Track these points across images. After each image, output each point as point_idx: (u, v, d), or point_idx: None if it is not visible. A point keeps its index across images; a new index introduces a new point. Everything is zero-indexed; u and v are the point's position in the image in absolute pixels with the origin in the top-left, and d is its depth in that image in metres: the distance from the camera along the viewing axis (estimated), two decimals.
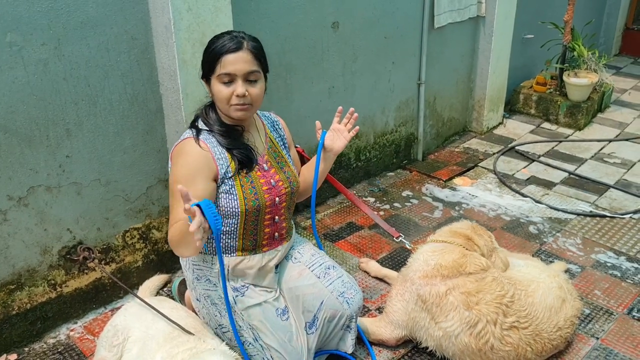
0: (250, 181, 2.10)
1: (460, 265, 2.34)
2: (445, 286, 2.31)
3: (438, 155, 4.55)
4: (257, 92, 2.03)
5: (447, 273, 2.33)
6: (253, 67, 2.01)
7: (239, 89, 1.99)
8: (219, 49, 1.99)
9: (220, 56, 1.98)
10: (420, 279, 2.38)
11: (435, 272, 2.35)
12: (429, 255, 2.44)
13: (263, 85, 2.07)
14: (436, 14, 4.06)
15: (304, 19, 3.25)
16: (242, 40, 2.00)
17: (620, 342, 2.58)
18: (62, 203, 2.53)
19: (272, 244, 2.24)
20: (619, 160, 4.43)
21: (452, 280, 2.32)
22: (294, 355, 2.19)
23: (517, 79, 5.36)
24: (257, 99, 2.05)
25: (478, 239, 2.52)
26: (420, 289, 2.36)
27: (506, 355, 2.29)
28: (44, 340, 2.60)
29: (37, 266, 2.54)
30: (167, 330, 2.08)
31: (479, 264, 2.36)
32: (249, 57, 1.99)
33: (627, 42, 7.21)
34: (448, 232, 2.59)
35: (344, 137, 2.26)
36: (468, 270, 2.33)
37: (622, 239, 3.37)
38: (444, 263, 2.36)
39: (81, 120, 2.48)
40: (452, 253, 2.40)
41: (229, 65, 1.97)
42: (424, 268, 2.39)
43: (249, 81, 2.02)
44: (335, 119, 2.28)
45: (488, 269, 2.38)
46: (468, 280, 2.31)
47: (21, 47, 2.23)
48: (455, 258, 2.37)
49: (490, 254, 2.53)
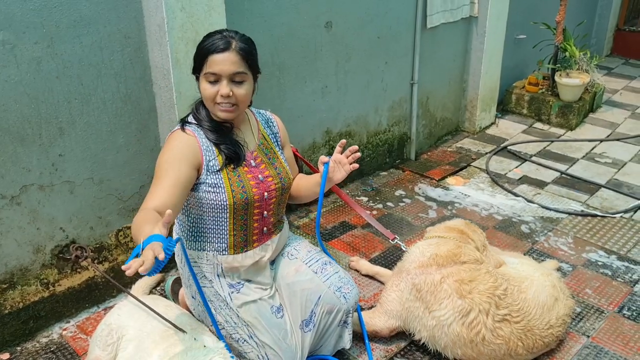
0: (237, 175, 2.11)
1: (455, 255, 2.41)
2: (440, 274, 2.36)
3: (431, 155, 4.57)
4: (242, 93, 2.03)
5: (443, 262, 2.40)
6: (239, 69, 2.00)
7: (223, 89, 1.99)
8: (208, 47, 1.99)
9: (207, 55, 1.99)
10: (416, 269, 2.43)
11: (432, 261, 2.42)
12: (425, 247, 2.51)
13: (250, 86, 2.07)
14: (429, 14, 4.08)
15: (297, 19, 3.26)
16: (231, 41, 1.99)
17: (610, 340, 2.61)
18: (54, 202, 2.52)
19: (261, 239, 2.25)
20: (610, 160, 4.46)
21: (446, 269, 2.37)
22: (288, 353, 2.20)
23: (510, 79, 5.39)
24: (243, 100, 2.05)
25: (472, 233, 2.60)
26: (416, 277, 2.41)
27: (497, 349, 2.31)
28: (37, 339, 2.60)
29: (30, 265, 2.53)
30: (163, 328, 2.08)
31: (473, 255, 2.43)
32: (236, 58, 1.99)
33: (618, 42, 7.27)
34: (443, 228, 2.67)
35: (345, 170, 2.26)
36: (462, 259, 2.40)
37: (613, 238, 3.40)
38: (439, 253, 2.43)
39: (74, 119, 2.48)
40: (447, 245, 2.48)
41: (215, 65, 1.98)
42: (420, 259, 2.46)
43: (235, 82, 2.02)
44: (338, 148, 2.29)
45: (482, 262, 2.44)
46: (462, 269, 2.37)
47: (14, 45, 2.23)
48: (450, 248, 2.45)
49: (483, 249, 2.60)
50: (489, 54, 4.66)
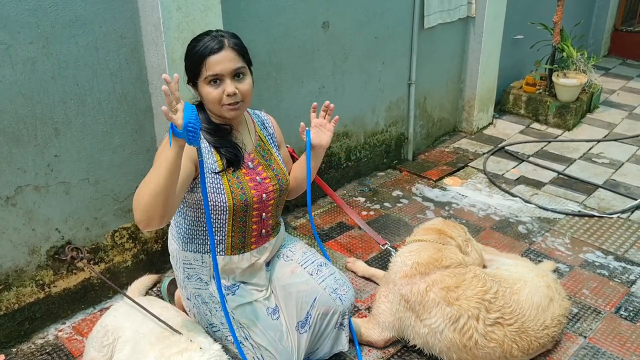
0: (236, 177, 2.10)
1: (436, 260, 2.42)
2: (425, 283, 2.36)
3: (428, 155, 4.56)
4: (246, 87, 2.03)
5: (425, 270, 2.39)
6: (238, 64, 2.00)
7: (229, 87, 1.98)
8: (202, 51, 1.97)
9: (204, 59, 1.96)
10: (401, 279, 2.43)
11: (414, 270, 2.42)
12: (406, 256, 2.51)
13: (250, 79, 2.07)
14: (426, 14, 4.07)
15: (294, 19, 3.25)
16: (222, 39, 1.98)
17: (607, 340, 2.60)
18: (50, 203, 2.51)
19: (259, 241, 2.24)
20: (607, 160, 4.46)
21: (430, 277, 2.37)
22: (284, 355, 2.19)
23: (507, 79, 5.38)
24: (247, 95, 2.05)
25: (450, 230, 2.61)
26: (402, 288, 2.41)
27: (491, 352, 2.31)
28: (32, 340, 2.59)
29: (25, 266, 2.52)
30: (159, 329, 2.07)
31: (455, 258, 2.43)
32: (233, 54, 1.99)
33: (615, 43, 7.27)
34: (421, 230, 2.68)
35: (328, 130, 2.26)
36: (444, 263, 2.40)
37: (610, 239, 3.40)
38: (420, 260, 2.43)
39: (70, 120, 2.47)
40: (427, 250, 2.48)
41: (215, 66, 1.96)
42: (403, 269, 2.46)
43: (237, 78, 2.02)
44: (312, 114, 2.28)
45: (466, 264, 2.44)
46: (446, 274, 2.36)
47: (9, 45, 2.22)
48: (430, 254, 2.45)
49: (466, 244, 2.62)
50: (486, 55, 4.65)
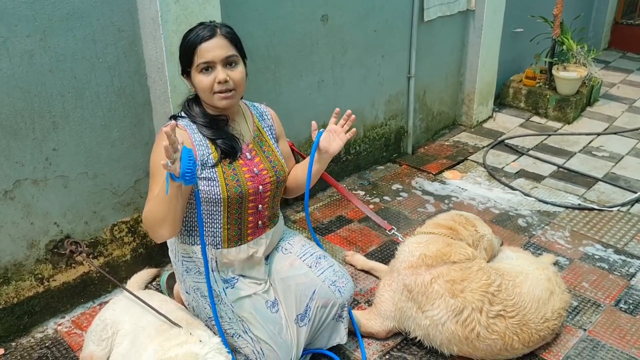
0: (232, 168, 2.10)
1: (444, 255, 2.39)
2: (430, 275, 2.34)
3: (428, 149, 4.55)
4: (238, 75, 2.03)
5: (432, 262, 2.37)
6: (230, 52, 2.01)
7: (220, 74, 1.99)
8: (194, 39, 1.99)
9: (196, 46, 1.98)
10: (406, 269, 2.42)
11: (420, 262, 2.39)
12: (414, 246, 2.48)
13: (243, 69, 2.07)
14: (426, 7, 4.06)
15: (293, 12, 3.24)
16: (215, 28, 2.00)
17: (607, 333, 2.60)
18: (48, 196, 2.50)
19: (256, 232, 2.24)
20: (607, 153, 4.45)
21: (436, 269, 2.35)
22: (284, 348, 2.19)
23: (507, 72, 5.37)
24: (239, 83, 2.04)
25: (462, 230, 2.56)
26: (406, 278, 2.39)
27: (493, 344, 2.31)
28: (32, 334, 2.59)
29: (24, 260, 2.51)
30: (158, 322, 2.07)
31: (464, 253, 2.41)
32: (224, 42, 2.00)
33: (616, 36, 7.25)
34: (432, 224, 2.64)
35: (340, 139, 2.23)
36: (452, 259, 2.38)
37: (609, 232, 3.39)
38: (428, 253, 2.41)
39: (68, 113, 2.46)
40: (436, 243, 2.45)
41: (206, 53, 1.97)
42: (409, 259, 2.44)
43: (229, 66, 2.01)
44: (332, 119, 2.26)
45: (474, 258, 2.41)
46: (453, 269, 2.35)
47: (6, 38, 2.20)
48: (439, 247, 2.42)
49: (477, 243, 2.57)
50: (486, 48, 4.64)
